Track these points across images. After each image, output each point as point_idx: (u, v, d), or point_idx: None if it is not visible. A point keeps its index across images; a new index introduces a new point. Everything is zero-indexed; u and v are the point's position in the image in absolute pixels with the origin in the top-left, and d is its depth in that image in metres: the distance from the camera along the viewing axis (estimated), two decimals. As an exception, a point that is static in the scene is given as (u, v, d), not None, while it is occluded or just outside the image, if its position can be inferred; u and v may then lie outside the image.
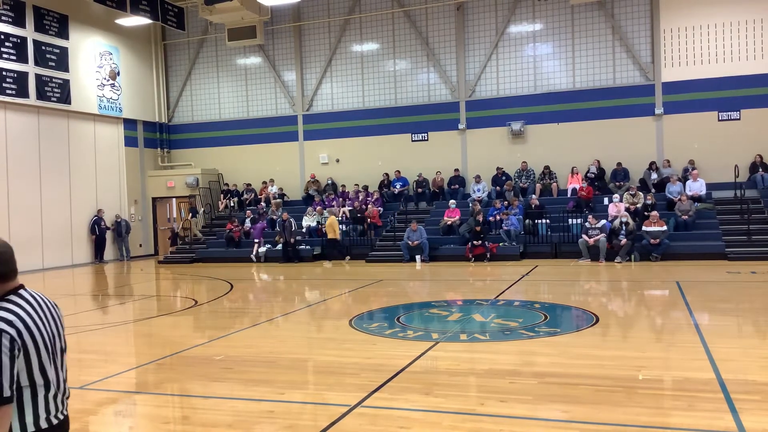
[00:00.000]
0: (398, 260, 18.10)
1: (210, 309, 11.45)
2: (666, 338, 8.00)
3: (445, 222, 19.03)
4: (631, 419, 4.88)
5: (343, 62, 22.95)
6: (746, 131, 18.86)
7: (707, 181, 18.75)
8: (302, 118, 23.47)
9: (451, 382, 6.06)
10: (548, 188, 20.00)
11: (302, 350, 7.91)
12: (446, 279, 14.94)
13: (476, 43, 21.51)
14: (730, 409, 4.97)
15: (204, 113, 24.86)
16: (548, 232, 17.99)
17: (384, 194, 21.41)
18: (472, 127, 21.48)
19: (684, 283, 12.24)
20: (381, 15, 22.40)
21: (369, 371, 6.52)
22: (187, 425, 5.22)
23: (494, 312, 9.87)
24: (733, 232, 16.76)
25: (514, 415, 5.09)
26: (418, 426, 4.91)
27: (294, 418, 5.20)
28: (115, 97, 23.00)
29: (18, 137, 19.50)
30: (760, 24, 18.83)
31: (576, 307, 10.42)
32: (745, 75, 18.87)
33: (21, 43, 19.41)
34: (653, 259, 16.15)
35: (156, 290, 15.33)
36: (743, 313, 9.47)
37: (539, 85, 20.96)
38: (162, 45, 24.97)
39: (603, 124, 20.20)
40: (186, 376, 6.78)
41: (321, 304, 11.73)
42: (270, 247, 19.73)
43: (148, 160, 24.58)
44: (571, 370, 6.31)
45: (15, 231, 18.95)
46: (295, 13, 23.16)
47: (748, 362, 6.54)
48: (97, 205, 22.03)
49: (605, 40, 20.27)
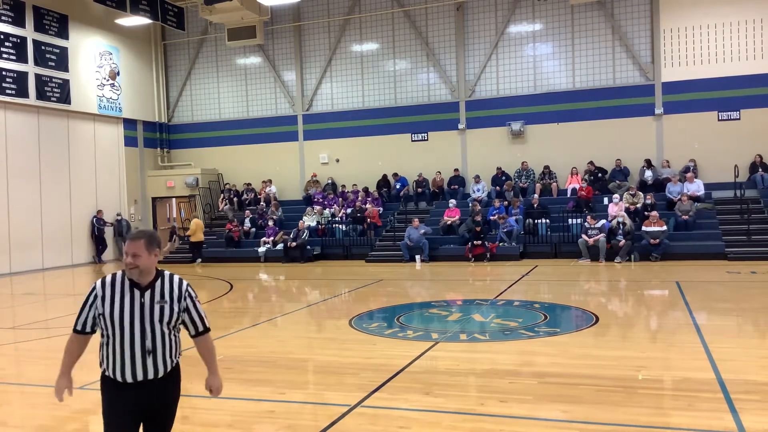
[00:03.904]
0: (398, 260, 18.10)
1: (210, 309, 11.45)
2: (666, 338, 8.00)
3: (445, 222, 19.03)
4: (631, 419, 4.88)
5: (342, 62, 22.95)
6: (746, 131, 18.85)
7: (708, 181, 18.76)
8: (302, 118, 23.46)
9: (451, 382, 6.06)
10: (548, 188, 20.00)
11: (302, 350, 7.91)
12: (446, 279, 14.94)
13: (476, 43, 21.51)
14: (730, 409, 4.98)
15: (204, 113, 24.85)
16: (548, 232, 17.99)
17: (383, 194, 21.43)
18: (472, 127, 21.47)
19: (684, 283, 12.24)
20: (381, 15, 22.39)
21: (369, 371, 6.52)
22: (187, 425, 5.22)
23: (494, 312, 9.87)
24: (733, 232, 16.75)
25: (514, 415, 5.09)
26: (418, 426, 4.91)
27: (294, 418, 5.21)
28: (115, 97, 22.99)
29: (18, 137, 19.50)
30: (760, 24, 18.82)
31: (576, 307, 10.42)
32: (745, 75, 18.86)
33: (21, 43, 19.41)
34: (653, 259, 16.14)
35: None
36: (743, 313, 9.47)
37: (539, 85, 20.95)
38: (162, 45, 24.96)
39: (603, 124, 20.19)
40: (186, 376, 6.74)
41: (321, 304, 11.73)
42: (270, 247, 19.73)
43: (147, 160, 24.58)
44: (571, 370, 6.31)
45: (15, 231, 18.95)
46: (295, 13, 23.15)
47: (748, 362, 6.55)
48: (97, 205, 22.01)
49: (605, 40, 20.27)
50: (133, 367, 3.34)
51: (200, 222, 20.79)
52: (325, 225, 20.15)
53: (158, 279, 3.41)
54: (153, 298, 3.36)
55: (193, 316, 3.50)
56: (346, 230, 19.91)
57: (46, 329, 9.96)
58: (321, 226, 20.06)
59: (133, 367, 3.34)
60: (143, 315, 3.32)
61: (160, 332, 3.36)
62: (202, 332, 3.57)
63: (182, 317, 3.47)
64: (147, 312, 3.33)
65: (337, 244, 19.76)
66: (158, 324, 3.35)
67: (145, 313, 3.32)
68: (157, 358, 3.38)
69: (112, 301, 3.34)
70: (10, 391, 6.55)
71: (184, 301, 3.44)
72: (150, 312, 3.33)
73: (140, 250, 3.31)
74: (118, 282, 3.38)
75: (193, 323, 3.52)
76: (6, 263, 18.75)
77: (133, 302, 3.33)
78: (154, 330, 3.34)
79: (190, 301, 3.46)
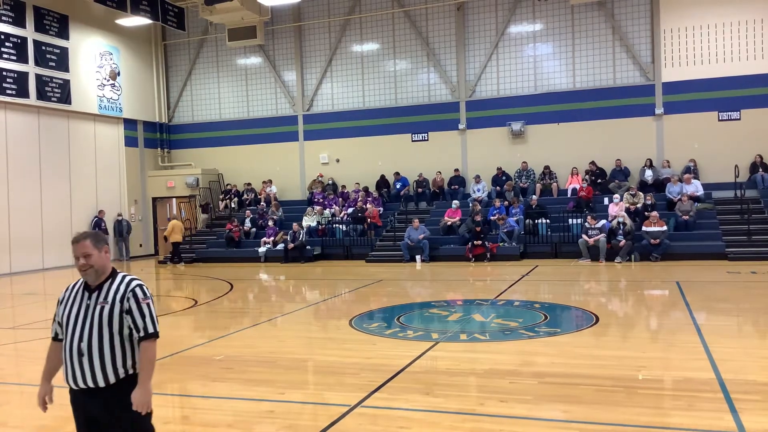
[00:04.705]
0: (398, 260, 18.10)
1: (210, 309, 11.45)
2: (666, 338, 8.00)
3: (445, 222, 19.03)
4: (631, 419, 4.88)
5: (343, 62, 22.95)
6: (746, 131, 18.85)
7: (708, 181, 18.76)
8: (302, 118, 23.47)
9: (451, 382, 6.06)
10: (548, 188, 20.00)
11: (302, 350, 7.91)
12: (446, 279, 14.94)
13: (476, 43, 21.51)
14: (730, 409, 4.98)
15: (204, 113, 24.86)
16: (548, 232, 17.98)
17: (383, 194, 21.43)
18: (472, 127, 21.47)
19: (684, 283, 12.24)
20: (381, 15, 22.40)
21: (369, 371, 6.52)
22: (187, 425, 5.23)
23: (494, 312, 9.87)
24: (733, 232, 16.75)
25: (514, 415, 5.09)
26: (418, 426, 4.91)
27: (294, 418, 5.21)
28: (116, 97, 23.00)
29: (18, 137, 19.51)
30: (760, 24, 18.82)
31: (576, 307, 10.42)
32: (745, 75, 18.86)
33: (21, 43, 19.41)
34: (653, 259, 16.14)
35: (156, 290, 15.32)
36: (743, 313, 9.47)
37: (539, 85, 20.95)
38: (162, 45, 24.97)
39: (603, 124, 20.20)
40: (186, 376, 6.79)
41: (321, 304, 11.73)
42: (270, 248, 19.73)
43: (148, 160, 24.59)
44: (571, 370, 6.31)
45: (15, 231, 18.95)
46: (295, 13, 23.16)
47: (748, 362, 6.54)
48: (98, 205, 22.02)
49: (605, 40, 20.27)
50: (73, 371, 3.23)
51: (178, 223, 20.94)
52: (326, 225, 20.15)
53: (108, 280, 3.29)
54: (98, 300, 3.25)
55: (135, 318, 3.23)
56: (346, 230, 19.91)
57: (46, 329, 9.93)
58: (321, 226, 20.06)
59: (72, 371, 3.23)
60: (86, 317, 3.22)
61: (98, 335, 3.19)
62: (144, 337, 3.26)
63: (126, 320, 3.24)
64: (90, 314, 3.22)
65: (338, 244, 19.77)
66: (98, 327, 3.20)
67: (87, 315, 3.22)
68: (94, 363, 3.19)
69: (65, 306, 3.31)
70: (10, 391, 6.55)
71: (126, 302, 3.23)
72: (92, 314, 3.22)
73: (89, 250, 3.23)
74: (78, 286, 3.33)
75: (135, 326, 3.25)
76: (6, 263, 18.76)
77: (81, 305, 3.26)
78: (92, 332, 3.20)
79: (133, 302, 3.24)
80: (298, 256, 19.00)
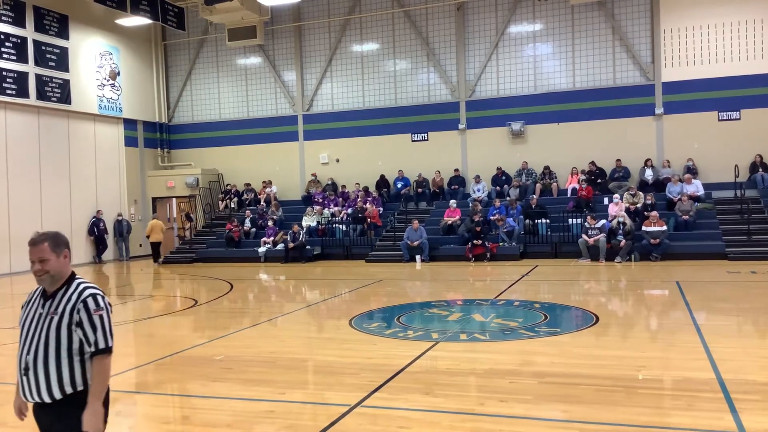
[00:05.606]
0: (398, 260, 18.10)
1: (210, 309, 11.45)
2: (666, 338, 8.00)
3: (445, 222, 19.03)
4: (631, 419, 4.88)
5: (343, 62, 22.95)
6: (746, 131, 18.85)
7: (708, 181, 18.76)
8: (302, 118, 23.47)
9: (451, 382, 6.06)
10: (548, 188, 20.00)
11: (302, 350, 7.91)
12: (446, 279, 14.94)
13: (476, 43, 21.51)
14: (730, 409, 4.98)
15: (204, 113, 24.86)
16: (548, 232, 17.98)
17: (383, 194, 21.43)
18: (472, 127, 21.47)
19: (684, 283, 12.24)
20: (381, 15, 22.39)
21: (369, 371, 6.52)
22: (187, 425, 5.23)
23: (494, 312, 9.87)
24: (733, 232, 16.75)
25: (514, 415, 5.09)
26: (418, 426, 4.91)
27: (294, 418, 5.20)
28: (115, 97, 23.00)
29: (18, 137, 19.50)
30: (760, 24, 18.82)
31: (576, 307, 10.42)
32: (745, 75, 18.86)
33: (21, 43, 19.41)
34: (653, 259, 16.14)
35: (156, 290, 15.33)
36: (743, 313, 9.47)
37: (539, 85, 20.95)
38: (162, 45, 24.97)
39: (603, 124, 20.19)
40: (186, 376, 6.79)
41: (321, 304, 11.73)
42: (270, 248, 19.73)
43: (148, 160, 24.58)
44: (571, 370, 6.31)
45: (15, 231, 18.93)
46: (295, 13, 23.15)
47: (748, 362, 6.54)
48: (97, 205, 22.02)
49: (605, 40, 20.27)
50: (21, 384, 3.04)
51: (158, 222, 21.27)
52: (326, 225, 20.15)
53: (63, 287, 3.03)
54: (50, 309, 3.00)
55: (86, 331, 2.95)
56: (346, 230, 19.91)
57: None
58: (321, 226, 20.06)
59: (21, 384, 3.04)
60: (36, 327, 3.00)
61: (44, 348, 2.95)
62: (95, 353, 2.97)
63: (77, 333, 2.96)
64: (40, 324, 2.99)
65: (338, 244, 19.76)
66: (44, 339, 2.96)
67: (38, 326, 2.99)
68: (39, 378, 2.96)
69: (25, 312, 3.12)
70: (10, 391, 6.54)
71: (77, 314, 2.95)
72: (41, 324, 2.99)
73: (46, 254, 2.98)
74: (38, 291, 3.11)
75: (86, 340, 2.96)
76: (6, 263, 18.76)
77: (35, 313, 3.04)
78: (38, 345, 2.97)
79: (84, 313, 2.95)
80: (298, 256, 19.01)
